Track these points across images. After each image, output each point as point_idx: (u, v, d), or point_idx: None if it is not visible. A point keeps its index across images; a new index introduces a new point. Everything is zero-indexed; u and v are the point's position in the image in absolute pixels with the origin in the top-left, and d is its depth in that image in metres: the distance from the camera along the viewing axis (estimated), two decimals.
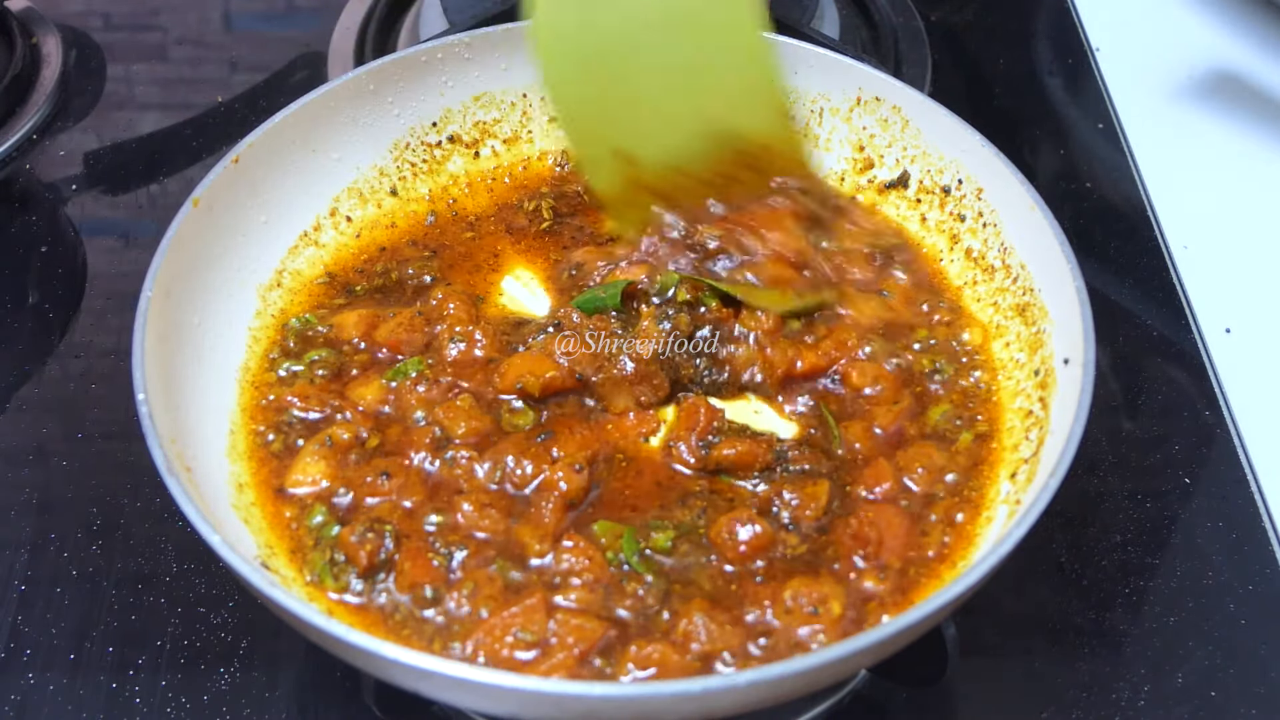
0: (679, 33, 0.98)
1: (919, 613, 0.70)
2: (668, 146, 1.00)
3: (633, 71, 0.99)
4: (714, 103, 0.99)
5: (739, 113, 1.00)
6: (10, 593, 0.96)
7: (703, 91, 0.99)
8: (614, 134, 1.00)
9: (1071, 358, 0.85)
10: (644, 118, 1.00)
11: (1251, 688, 0.92)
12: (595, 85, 0.99)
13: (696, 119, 0.99)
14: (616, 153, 1.00)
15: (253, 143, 0.98)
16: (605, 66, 0.98)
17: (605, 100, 0.99)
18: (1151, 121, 1.37)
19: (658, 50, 0.98)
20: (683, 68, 0.99)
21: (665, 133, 1.00)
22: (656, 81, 0.99)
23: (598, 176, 1.02)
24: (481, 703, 0.76)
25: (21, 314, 1.17)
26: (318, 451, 0.88)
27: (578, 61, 0.99)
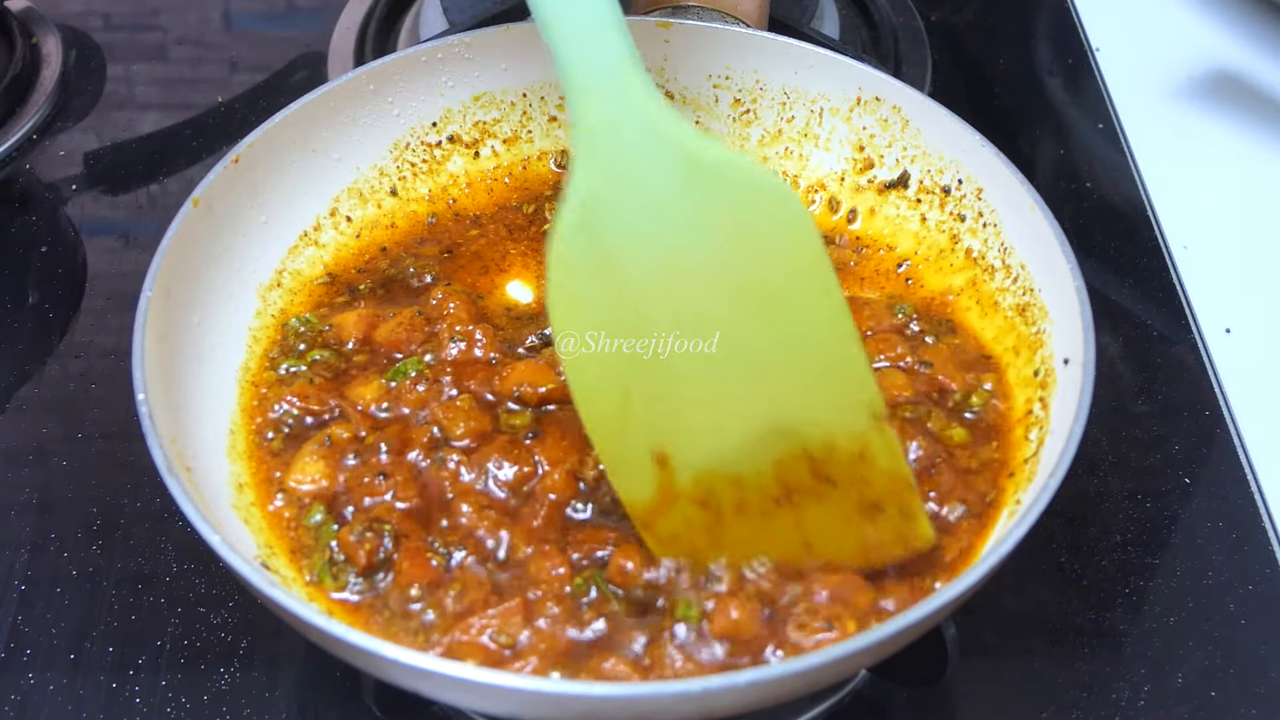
0: (737, 305, 0.76)
1: (919, 613, 0.70)
2: (715, 448, 0.78)
3: (672, 353, 0.76)
4: (776, 393, 0.77)
5: (808, 410, 0.77)
6: (10, 593, 0.96)
7: (762, 379, 0.77)
8: (647, 431, 0.78)
9: (1071, 358, 0.85)
10: (685, 411, 0.78)
11: (1251, 688, 0.92)
12: (623, 370, 0.77)
13: (752, 414, 0.77)
14: (652, 454, 0.78)
15: (253, 143, 0.98)
16: (636, 368, 0.77)
17: (636, 388, 0.77)
18: (1151, 121, 1.37)
19: (704, 325, 0.76)
20: (740, 349, 0.76)
21: (712, 431, 0.78)
22: (703, 365, 0.76)
23: (627, 483, 0.80)
24: (481, 703, 0.76)
25: (21, 314, 1.17)
26: (316, 451, 0.88)
27: (599, 332, 0.77)
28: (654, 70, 1.11)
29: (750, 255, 0.75)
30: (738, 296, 0.76)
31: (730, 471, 0.78)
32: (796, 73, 1.08)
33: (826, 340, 0.77)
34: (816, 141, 1.10)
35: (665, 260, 0.75)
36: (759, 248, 0.75)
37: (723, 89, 1.11)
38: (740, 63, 1.10)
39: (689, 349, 0.76)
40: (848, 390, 0.77)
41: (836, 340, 0.77)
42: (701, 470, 0.78)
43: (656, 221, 0.75)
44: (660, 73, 1.11)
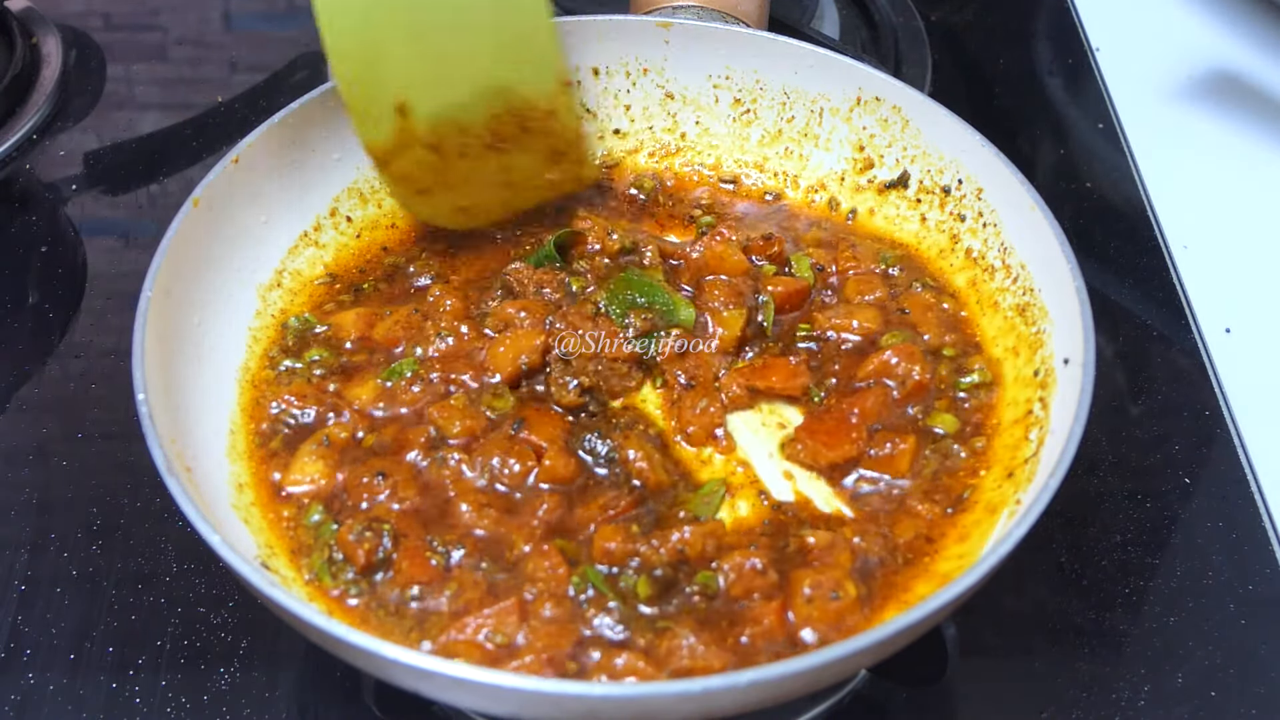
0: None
1: (919, 613, 0.70)
2: (444, 98, 0.97)
3: (415, 18, 0.95)
4: (492, 57, 0.98)
5: (516, 70, 0.98)
6: (10, 593, 0.96)
7: (482, 44, 0.97)
8: (391, 83, 0.96)
9: (1071, 358, 0.85)
10: (423, 67, 0.97)
11: (1251, 688, 0.92)
12: (375, 31, 0.95)
13: (475, 72, 0.97)
14: (394, 104, 0.96)
15: (253, 143, 0.98)
16: (388, 12, 0.95)
17: (384, 48, 0.95)
18: (1151, 121, 1.37)
19: (443, 11, 0.96)
20: (464, 19, 0.96)
21: (443, 84, 0.97)
22: (437, 29, 0.96)
23: (370, 130, 0.98)
24: (481, 702, 0.76)
25: (21, 314, 1.17)
26: (315, 451, 0.88)
27: (360, 7, 0.95)
28: (654, 70, 1.11)
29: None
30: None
31: (457, 120, 0.98)
32: (796, 73, 1.08)
33: (524, 18, 0.98)
34: (816, 141, 1.10)
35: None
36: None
37: (723, 89, 1.11)
38: (740, 62, 1.10)
39: (424, 20, 0.95)
40: (543, 60, 0.99)
41: (534, 19, 0.98)
42: (434, 118, 0.98)
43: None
44: (660, 72, 1.11)
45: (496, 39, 0.98)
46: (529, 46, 0.99)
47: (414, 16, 0.95)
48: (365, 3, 0.94)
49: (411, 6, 0.95)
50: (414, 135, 0.98)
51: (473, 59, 0.97)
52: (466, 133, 0.99)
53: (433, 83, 0.97)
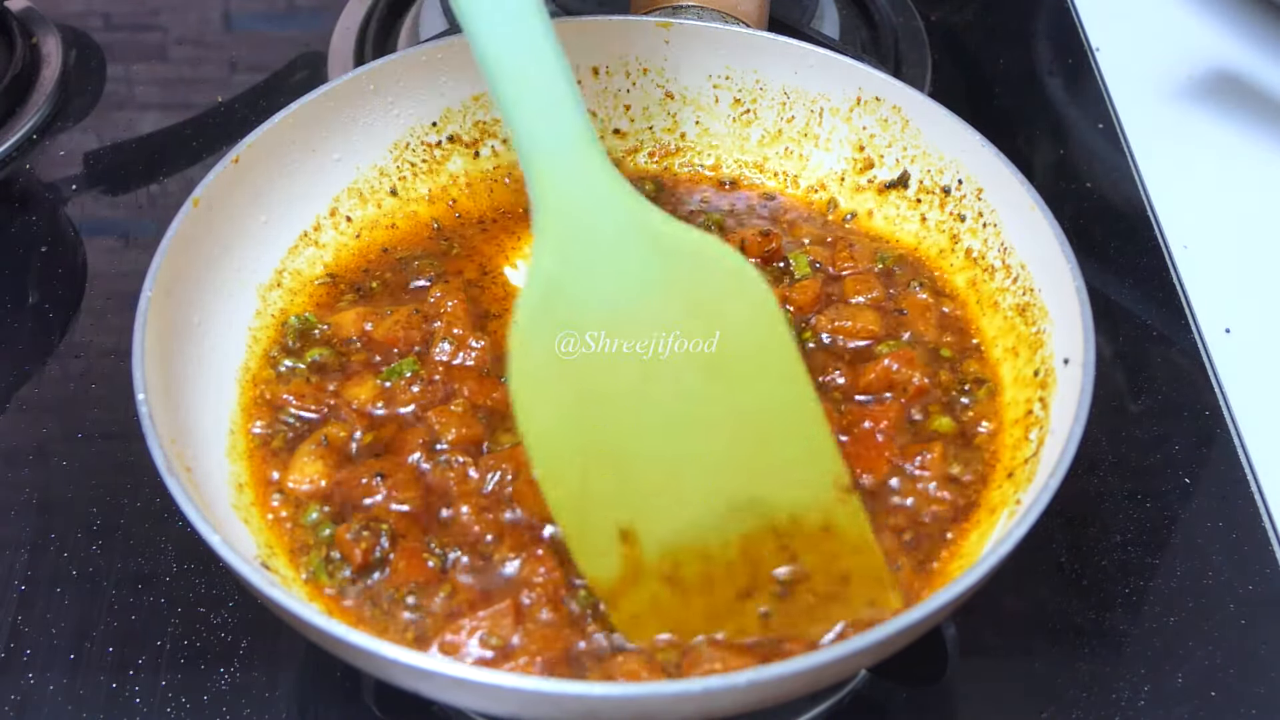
0: (700, 382, 0.76)
1: (919, 613, 0.70)
2: (681, 523, 0.77)
3: (633, 426, 0.76)
4: (742, 465, 0.77)
5: (778, 476, 0.77)
6: (10, 593, 0.96)
7: (727, 454, 0.77)
8: (612, 507, 0.77)
9: (1071, 358, 0.85)
10: (651, 488, 0.77)
11: (1251, 688, 0.92)
12: (585, 449, 0.76)
13: (717, 488, 0.77)
14: (618, 530, 0.77)
15: (253, 143, 0.98)
16: (596, 425, 0.76)
17: (598, 466, 0.77)
18: (1151, 121, 1.37)
19: (667, 404, 0.76)
20: (704, 425, 0.76)
21: (678, 505, 0.77)
22: (667, 441, 0.76)
23: (593, 561, 0.78)
24: (481, 703, 0.76)
25: (21, 314, 1.17)
26: (314, 451, 0.88)
27: (561, 414, 0.76)
28: (654, 71, 1.11)
29: (713, 332, 0.75)
30: (701, 374, 0.76)
31: (697, 546, 0.77)
32: (796, 73, 1.08)
33: (790, 414, 0.77)
34: (816, 141, 1.10)
35: (627, 339, 0.75)
36: (722, 324, 0.75)
37: (723, 89, 1.11)
38: (740, 63, 1.10)
39: (653, 427, 0.76)
40: (812, 463, 0.78)
41: (800, 413, 0.77)
42: (668, 545, 0.77)
43: (618, 301, 0.75)
44: (660, 73, 1.11)
45: (751, 443, 0.77)
46: (793, 448, 0.77)
47: (627, 416, 0.76)
48: (569, 413, 0.76)
49: (623, 403, 0.76)
50: (643, 566, 0.77)
51: (716, 469, 0.77)
52: (712, 562, 0.77)
53: (660, 503, 0.77)
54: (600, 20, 1.09)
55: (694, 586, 0.78)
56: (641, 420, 0.76)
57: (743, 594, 0.78)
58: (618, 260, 0.75)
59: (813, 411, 0.77)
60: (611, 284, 0.75)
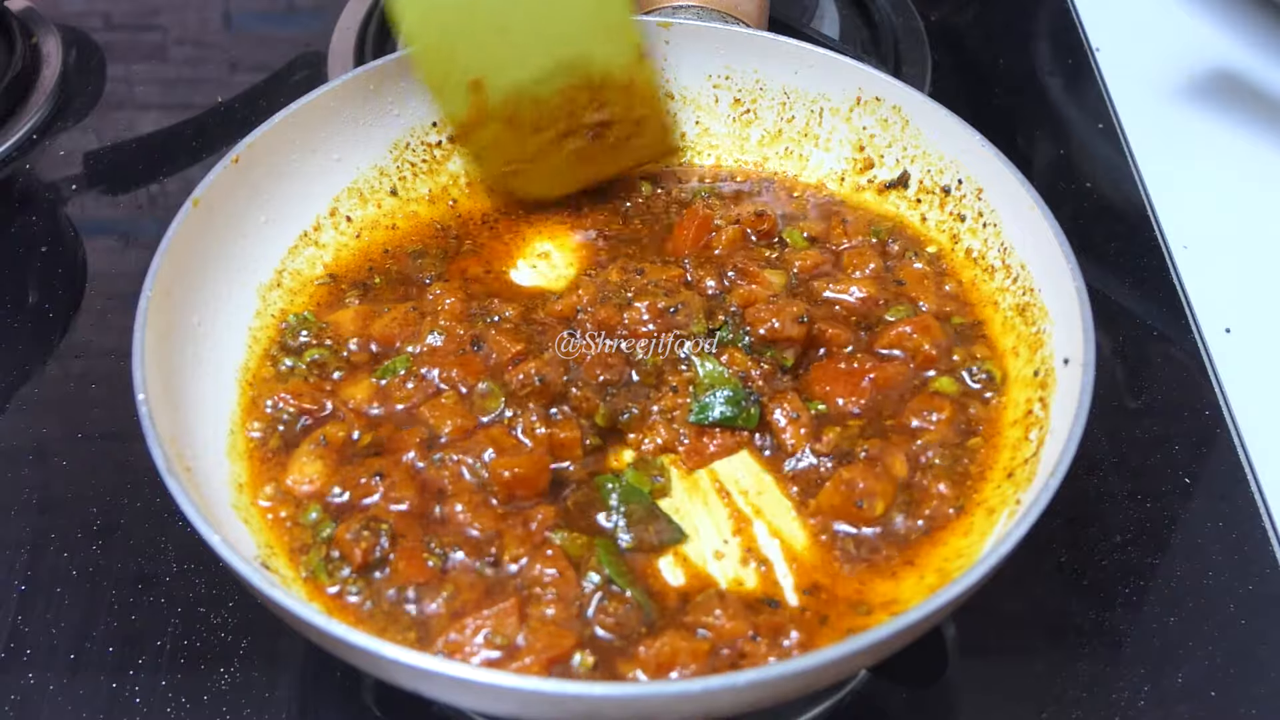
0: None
1: (919, 612, 0.70)
2: (517, 74, 1.00)
3: (486, 9, 0.98)
4: (565, 30, 0.99)
5: (591, 41, 1.00)
6: (10, 593, 0.96)
7: (554, 18, 0.99)
8: (464, 61, 0.99)
9: (1071, 357, 0.85)
10: (494, 44, 0.99)
11: (1251, 688, 0.92)
12: (447, 11, 0.98)
13: (548, 47, 0.99)
14: (469, 80, 1.00)
15: (253, 143, 0.98)
16: (455, 8, 0.98)
17: (455, 26, 0.98)
18: (1151, 121, 1.37)
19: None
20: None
21: (515, 60, 1.00)
22: (509, 6, 0.98)
23: (446, 104, 1.03)
24: (481, 702, 0.76)
25: (21, 314, 1.17)
26: (313, 451, 0.88)
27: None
28: None
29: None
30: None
31: (531, 94, 1.01)
32: (796, 73, 1.08)
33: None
34: (816, 141, 1.10)
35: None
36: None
37: (723, 89, 1.11)
38: (740, 63, 1.10)
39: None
40: (618, 31, 1.01)
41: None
42: (508, 93, 1.01)
43: None
44: (660, 73, 1.11)
45: (569, 12, 0.99)
46: (603, 17, 1.00)
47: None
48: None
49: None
50: (488, 110, 1.01)
51: (545, 34, 0.99)
52: (541, 107, 1.01)
53: (505, 59, 0.99)
54: None
55: (527, 126, 1.03)
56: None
57: (562, 134, 1.04)
58: None
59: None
60: None
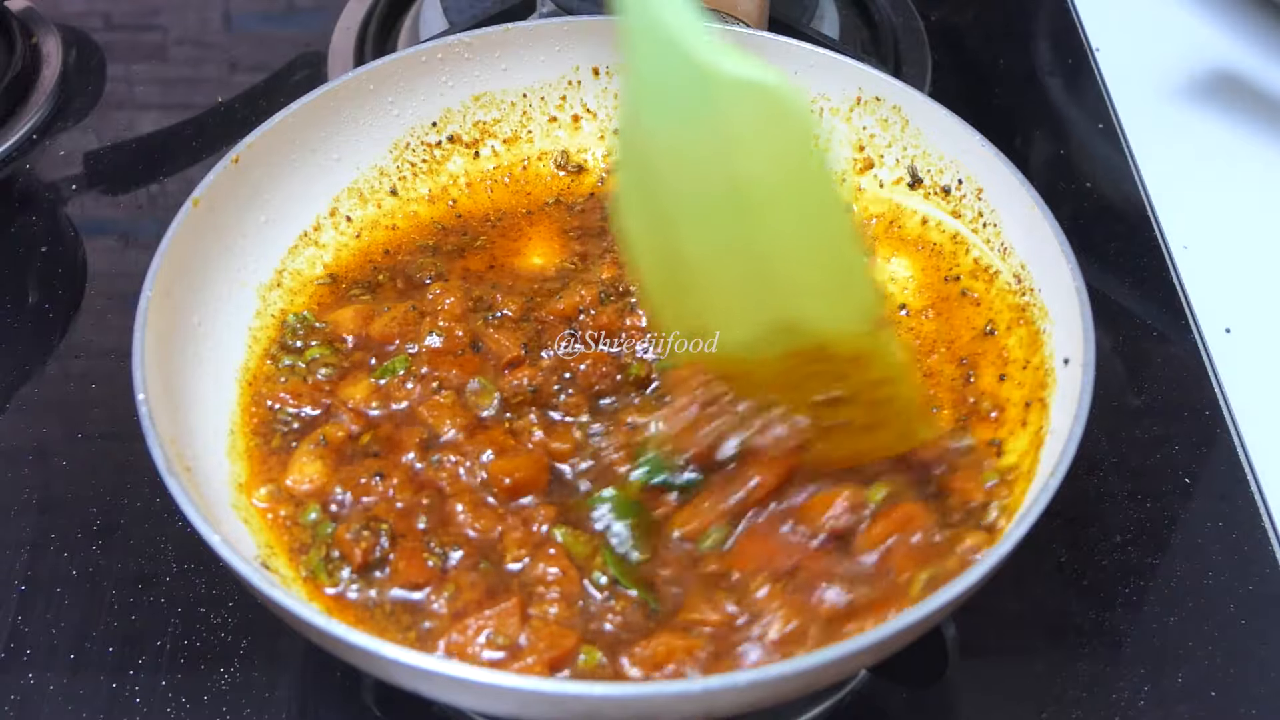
0: (747, 205, 0.79)
1: (919, 612, 0.70)
2: (731, 338, 0.84)
3: (697, 252, 0.82)
4: (782, 290, 0.81)
5: (809, 304, 0.81)
6: (10, 593, 0.96)
7: (770, 276, 0.81)
8: (683, 317, 0.86)
9: (1072, 358, 0.85)
10: (709, 304, 0.84)
11: (1251, 688, 0.92)
12: (664, 268, 0.86)
13: (762, 309, 0.82)
14: (690, 334, 0.86)
15: (252, 143, 0.98)
16: (670, 251, 0.83)
17: (673, 285, 0.85)
18: (1151, 121, 1.36)
19: (723, 233, 0.81)
20: (747, 247, 0.80)
21: (729, 322, 0.84)
22: (721, 267, 0.82)
23: (667, 357, 0.91)
24: (482, 703, 0.76)
25: (21, 314, 1.17)
26: (313, 451, 0.88)
27: (648, 242, 0.85)
28: None
29: (754, 156, 0.77)
30: (746, 197, 0.78)
31: (745, 358, 0.84)
32: (796, 73, 1.08)
33: (827, 241, 0.79)
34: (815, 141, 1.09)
35: (683, 162, 0.79)
36: (763, 148, 0.77)
37: None
38: None
39: (709, 247, 0.81)
40: (849, 292, 0.80)
41: (837, 242, 0.79)
42: (721, 360, 0.85)
43: (676, 126, 0.79)
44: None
45: (791, 272, 0.81)
46: (831, 279, 0.81)
47: (692, 250, 0.82)
48: (652, 238, 0.84)
49: (689, 239, 0.82)
50: (704, 366, 0.87)
51: (757, 290, 0.82)
52: (753, 374, 0.85)
53: (715, 319, 0.85)
54: (600, 20, 1.09)
55: (744, 380, 0.85)
56: (699, 239, 0.81)
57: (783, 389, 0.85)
58: (675, 89, 0.78)
59: (847, 240, 0.79)
60: (670, 109, 0.79)
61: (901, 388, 0.83)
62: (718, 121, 0.76)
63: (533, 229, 1.08)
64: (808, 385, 0.83)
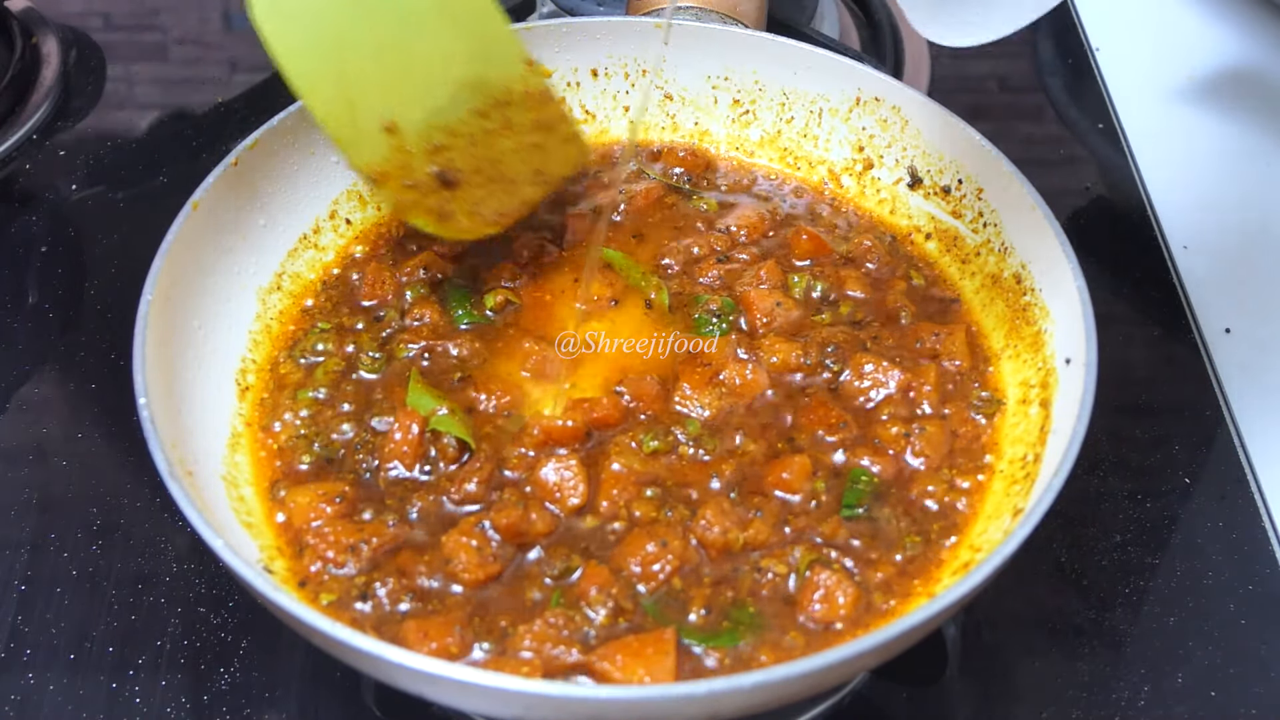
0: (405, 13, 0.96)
1: (923, 614, 0.70)
2: (427, 104, 0.97)
3: (368, 37, 0.95)
4: (455, 53, 0.97)
5: (481, 60, 0.98)
6: (10, 593, 0.96)
7: (441, 44, 0.97)
8: (373, 104, 0.96)
9: (1073, 357, 0.85)
10: (396, 81, 0.96)
11: (1251, 688, 0.92)
12: (338, 59, 0.95)
13: (444, 72, 0.97)
14: (382, 124, 0.96)
15: (251, 146, 0.98)
16: (340, 37, 0.95)
17: (352, 73, 0.95)
18: (1151, 121, 1.37)
19: (390, 29, 0.96)
20: (414, 25, 0.96)
21: (420, 92, 0.97)
22: (395, 42, 0.96)
23: (363, 154, 0.96)
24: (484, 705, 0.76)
25: (21, 314, 1.17)
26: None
27: (308, 30, 0.95)
28: (652, 71, 1.11)
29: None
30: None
31: (444, 124, 0.97)
32: (796, 73, 1.08)
33: (478, 12, 0.98)
34: (816, 142, 1.10)
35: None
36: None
37: (722, 90, 1.11)
38: (739, 63, 1.10)
39: (386, 26, 0.96)
40: (501, 43, 0.99)
41: (484, 13, 0.98)
42: (423, 125, 0.97)
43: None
44: (659, 74, 1.11)
45: (453, 35, 0.97)
46: (484, 34, 0.99)
47: (366, 35, 0.95)
48: (317, 35, 0.94)
49: (359, 26, 0.95)
50: (408, 150, 0.96)
51: (437, 61, 0.97)
52: (456, 133, 0.98)
53: (411, 93, 0.97)
54: (599, 21, 1.09)
55: (444, 155, 0.98)
56: (375, 23, 0.95)
57: (478, 145, 0.99)
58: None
59: (491, 12, 0.99)
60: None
61: (553, 109, 1.01)
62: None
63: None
64: (497, 133, 0.99)
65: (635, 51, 1.10)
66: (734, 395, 0.91)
